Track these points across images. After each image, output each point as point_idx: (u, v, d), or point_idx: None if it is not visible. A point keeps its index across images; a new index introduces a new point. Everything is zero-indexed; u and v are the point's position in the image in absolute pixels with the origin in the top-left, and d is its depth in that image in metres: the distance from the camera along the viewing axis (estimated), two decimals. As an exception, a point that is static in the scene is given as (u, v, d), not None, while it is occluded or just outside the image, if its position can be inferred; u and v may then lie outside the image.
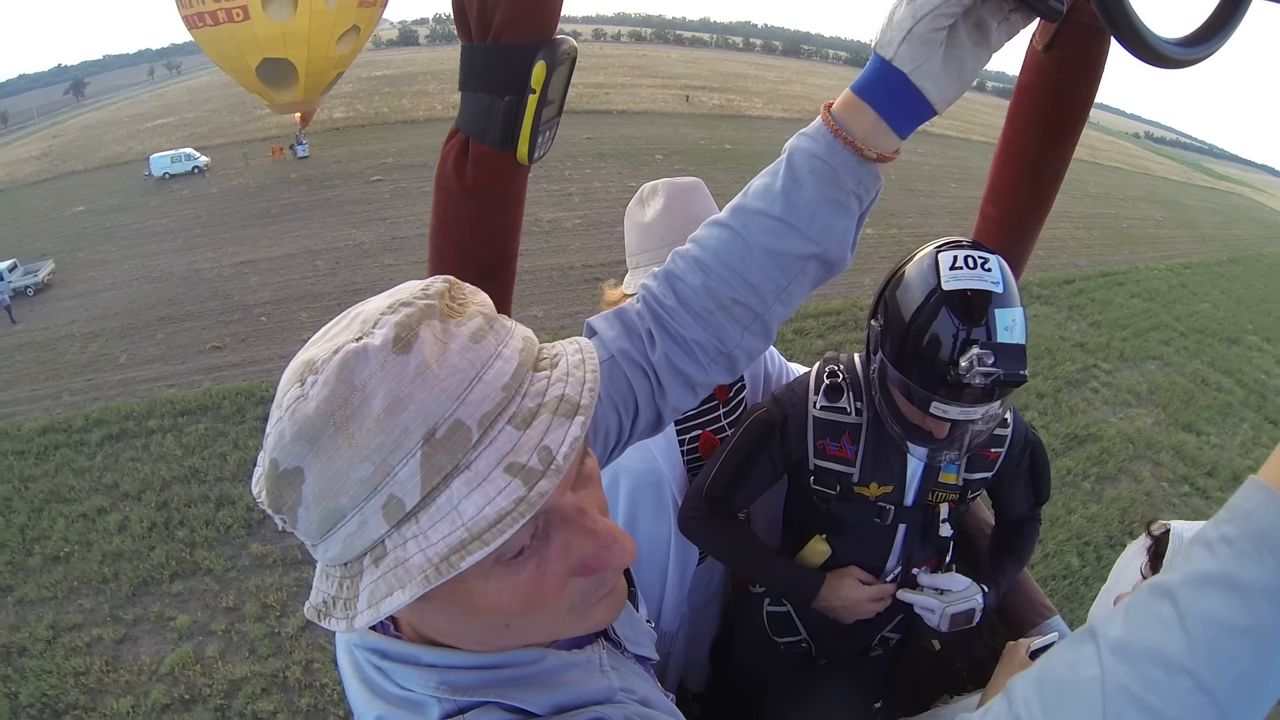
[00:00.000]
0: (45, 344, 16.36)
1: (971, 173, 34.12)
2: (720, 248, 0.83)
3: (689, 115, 43.55)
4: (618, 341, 0.86)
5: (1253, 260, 31.91)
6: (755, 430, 1.55)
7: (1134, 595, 0.51)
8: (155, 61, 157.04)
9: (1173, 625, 0.47)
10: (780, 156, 0.83)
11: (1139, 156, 70.88)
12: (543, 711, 0.59)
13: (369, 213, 22.91)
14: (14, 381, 14.79)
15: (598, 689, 0.64)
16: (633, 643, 0.77)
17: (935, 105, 0.76)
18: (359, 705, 0.61)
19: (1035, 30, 1.16)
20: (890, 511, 1.52)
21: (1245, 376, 17.72)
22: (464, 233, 0.95)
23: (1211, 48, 0.78)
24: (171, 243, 21.84)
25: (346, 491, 0.48)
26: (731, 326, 0.84)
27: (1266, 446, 14.90)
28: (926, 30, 0.72)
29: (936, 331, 1.21)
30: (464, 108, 0.88)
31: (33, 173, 36.77)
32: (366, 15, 19.85)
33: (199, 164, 29.92)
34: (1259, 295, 26.51)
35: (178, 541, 9.70)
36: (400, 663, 0.59)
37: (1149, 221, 34.45)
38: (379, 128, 36.82)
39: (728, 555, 1.70)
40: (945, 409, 1.23)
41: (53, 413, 13.19)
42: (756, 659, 1.87)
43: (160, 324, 16.55)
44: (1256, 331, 21.88)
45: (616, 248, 19.47)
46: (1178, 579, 0.48)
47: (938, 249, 1.26)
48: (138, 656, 8.23)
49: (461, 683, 0.58)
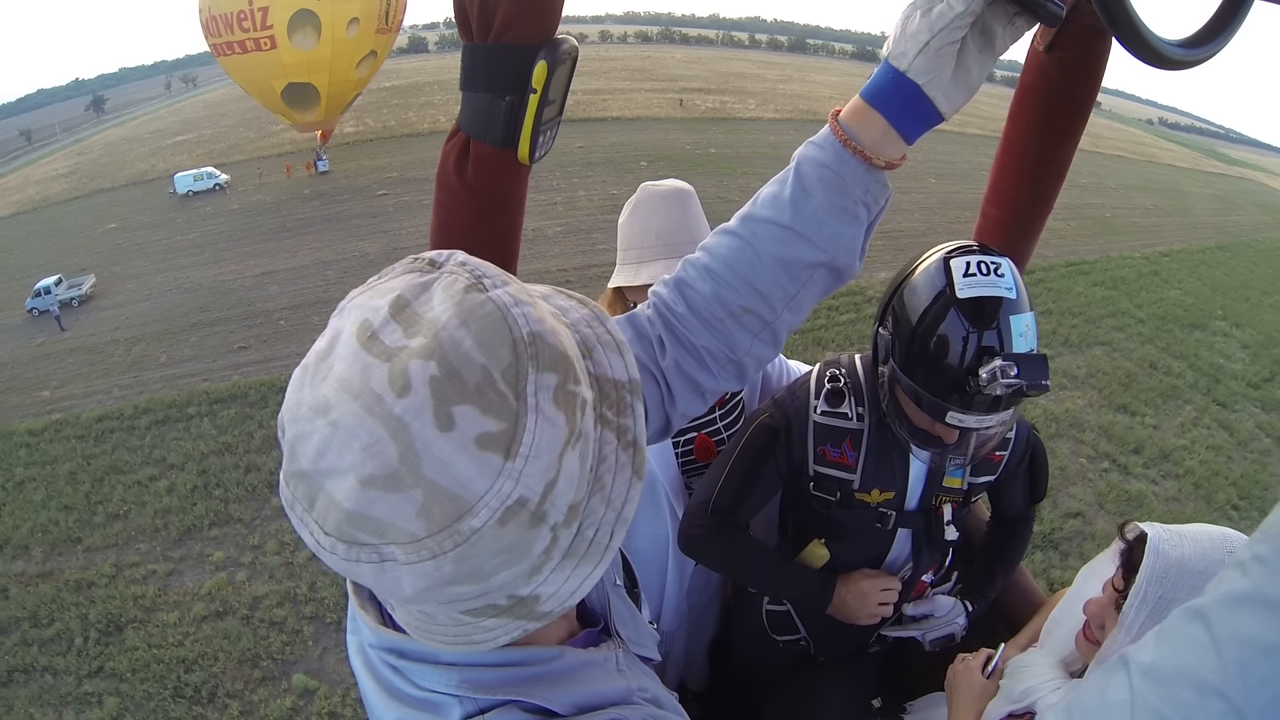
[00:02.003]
0: (93, 348, 18.76)
1: (955, 168, 33.95)
2: (730, 256, 0.83)
3: (681, 120, 44.50)
4: None
5: (1243, 247, 32.02)
6: (759, 436, 1.49)
7: (1166, 621, 0.49)
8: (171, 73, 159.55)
9: (1205, 646, 0.45)
10: (789, 165, 0.83)
11: (1146, 144, 69.62)
12: (565, 711, 0.59)
13: (374, 226, 25.05)
14: (69, 380, 17.23)
15: (616, 689, 0.65)
16: (636, 644, 0.77)
17: (944, 113, 0.77)
18: (377, 708, 0.61)
19: (1036, 31, 1.15)
20: (891, 517, 1.48)
21: (1200, 361, 18.27)
22: (465, 232, 0.95)
23: (1213, 49, 0.77)
24: (199, 257, 24.12)
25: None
26: (741, 334, 0.85)
27: (1206, 427, 15.73)
28: (942, 43, 0.72)
29: (952, 341, 1.18)
30: (465, 107, 0.89)
31: (63, 190, 38.92)
32: (383, 41, 21.52)
33: (220, 181, 32.16)
34: (1240, 281, 26.65)
35: (214, 499, 12.25)
36: (419, 661, 0.59)
37: (1137, 210, 34.34)
38: (386, 142, 38.44)
39: (736, 570, 1.65)
40: (961, 418, 1.20)
41: (105, 404, 15.64)
42: (755, 657, 1.84)
43: (193, 329, 18.96)
44: (1226, 317, 22.16)
45: (592, 253, 21.94)
46: (1210, 601, 0.46)
47: (948, 255, 1.22)
48: (183, 584, 10.73)
49: (483, 681, 0.58)
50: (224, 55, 19.67)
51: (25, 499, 12.96)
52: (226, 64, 19.54)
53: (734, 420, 1.75)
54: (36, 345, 19.63)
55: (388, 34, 22.19)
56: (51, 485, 13.19)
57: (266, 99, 20.27)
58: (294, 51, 19.01)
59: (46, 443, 14.54)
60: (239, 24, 18.79)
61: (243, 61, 19.34)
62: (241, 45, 19.20)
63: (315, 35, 19.45)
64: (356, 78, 20.66)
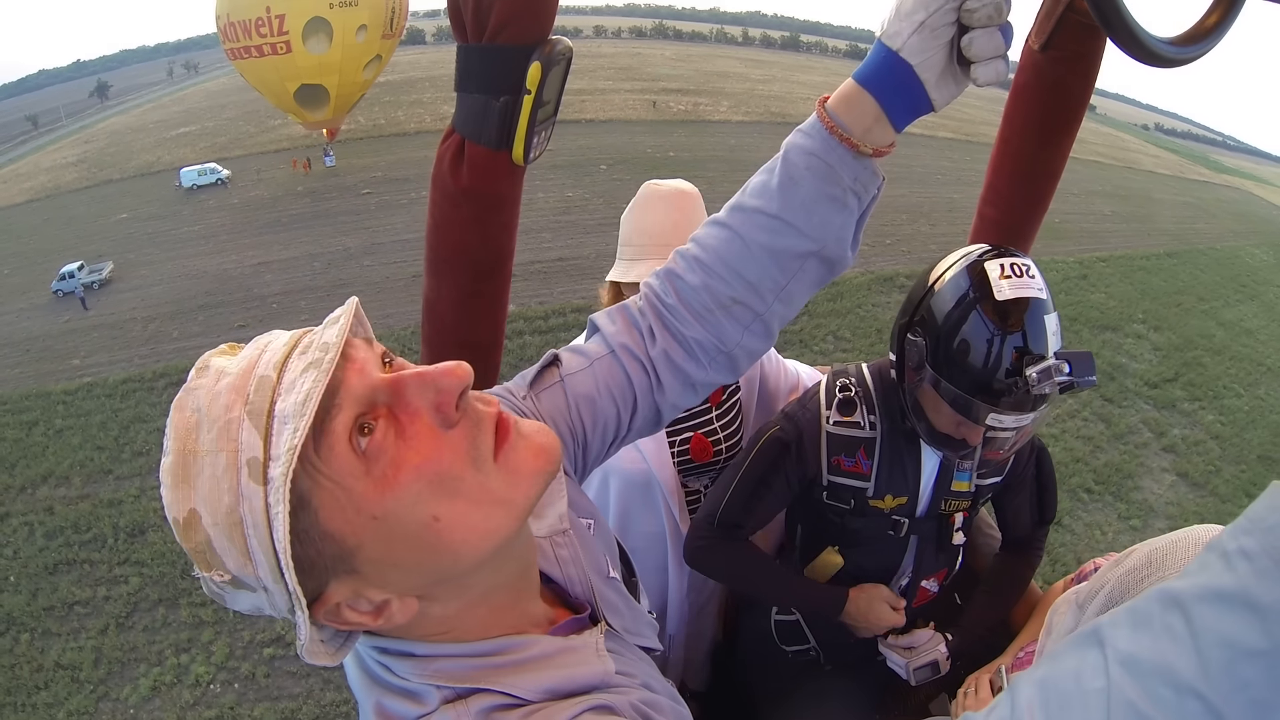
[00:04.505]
0: (114, 325, 22.17)
1: (911, 172, 34.60)
2: (719, 246, 0.83)
3: (651, 122, 45.22)
4: (618, 336, 0.87)
5: (1196, 254, 32.46)
6: (770, 450, 1.48)
7: (1141, 600, 0.47)
8: (173, 56, 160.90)
9: (1184, 642, 0.43)
10: (778, 154, 0.81)
11: (1132, 149, 68.40)
12: (534, 698, 0.59)
13: (356, 223, 28.14)
14: (95, 351, 20.67)
15: (592, 672, 0.65)
16: (633, 634, 0.78)
17: (935, 102, 0.75)
18: (359, 692, 0.63)
19: (1031, 30, 1.16)
20: (905, 524, 1.48)
21: (1100, 360, 19.52)
22: (460, 233, 0.96)
23: (1205, 47, 0.78)
24: (204, 247, 27.29)
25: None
26: (731, 326, 0.84)
27: (1085, 419, 17.40)
28: (937, 23, 0.70)
29: (993, 344, 1.18)
30: (460, 108, 0.89)
31: (74, 179, 41.51)
32: (388, 45, 22.62)
33: (222, 177, 35.10)
34: (1177, 288, 27.19)
35: (219, 442, 15.84)
36: (396, 656, 0.61)
37: (1091, 216, 34.54)
38: (374, 140, 40.11)
39: (743, 582, 1.63)
40: (1002, 419, 1.20)
41: (128, 370, 19.13)
42: (762, 668, 1.82)
43: (200, 310, 22.44)
44: (1146, 321, 23.03)
45: (540, 249, 25.98)
46: (1190, 590, 0.44)
47: (980, 258, 1.22)
48: (197, 501, 14.41)
49: (454, 671, 0.60)
50: (240, 59, 20.76)
51: (65, 443, 16.49)
52: (242, 66, 20.59)
53: (730, 419, 1.73)
54: (64, 322, 22.98)
55: (391, 39, 23.87)
56: (86, 432, 16.70)
57: (280, 99, 21.83)
58: (307, 55, 19.38)
59: (80, 400, 18.04)
60: (256, 30, 19.83)
61: (259, 64, 20.48)
62: (259, 50, 19.99)
63: (327, 41, 20.22)
64: (363, 79, 22.12)
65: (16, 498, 14.98)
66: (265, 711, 10.25)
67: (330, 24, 20.52)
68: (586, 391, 0.85)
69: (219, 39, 21.86)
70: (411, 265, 22.84)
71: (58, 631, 11.99)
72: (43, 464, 15.88)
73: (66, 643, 11.74)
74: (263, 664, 10.85)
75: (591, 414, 0.85)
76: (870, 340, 20.07)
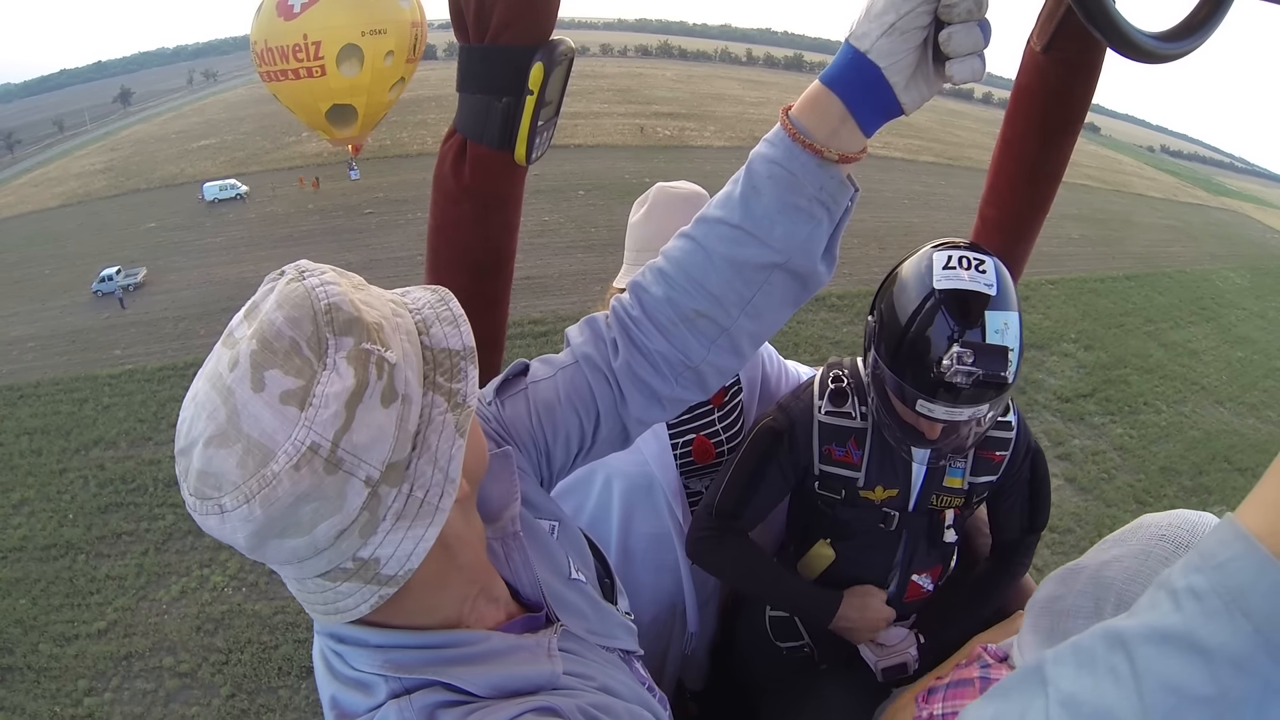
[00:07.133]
0: (149, 323, 26.07)
1: (879, 195, 35.10)
2: (682, 258, 0.82)
3: (635, 147, 46.67)
4: (583, 347, 0.87)
5: (1159, 277, 32.76)
6: (763, 440, 1.49)
7: (1087, 636, 0.46)
8: (192, 61, 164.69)
9: (1127, 685, 0.42)
10: (743, 165, 0.80)
11: (1127, 172, 68.60)
12: (482, 692, 0.62)
13: (358, 240, 31.71)
14: (133, 344, 24.67)
15: (539, 671, 0.66)
16: (600, 635, 0.78)
17: (905, 105, 0.74)
18: (321, 686, 0.66)
19: (1033, 31, 1.16)
20: (895, 517, 1.48)
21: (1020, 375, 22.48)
22: (461, 233, 0.96)
23: (1194, 43, 0.77)
24: (225, 257, 30.93)
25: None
26: (697, 340, 0.83)
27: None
28: (908, 26, 0.69)
29: (927, 330, 1.20)
30: (461, 109, 0.89)
31: (103, 187, 44.83)
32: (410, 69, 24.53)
33: (241, 192, 38.70)
34: (1125, 309, 27.60)
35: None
36: (352, 645, 0.64)
37: (1056, 239, 34.55)
38: (379, 161, 42.30)
39: (740, 579, 1.63)
40: (931, 408, 1.21)
41: (163, 360, 23.06)
42: (757, 662, 1.83)
43: (224, 313, 25.54)
44: (1079, 340, 23.67)
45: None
46: (1136, 629, 0.43)
47: (934, 248, 1.24)
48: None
49: (404, 661, 0.62)
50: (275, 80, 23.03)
51: (111, 416, 20.48)
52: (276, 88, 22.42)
53: (732, 421, 1.73)
54: (104, 319, 26.88)
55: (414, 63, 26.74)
56: (129, 408, 20.68)
57: (311, 118, 23.74)
58: (340, 78, 21.63)
59: (122, 383, 22.03)
60: (294, 55, 22.41)
61: (293, 86, 22.78)
62: (295, 73, 22.29)
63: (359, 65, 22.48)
64: (388, 99, 24.87)
65: (73, 457, 18.88)
66: (263, 607, 14.14)
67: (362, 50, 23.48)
68: (547, 399, 0.86)
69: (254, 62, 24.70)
70: (404, 280, 25.46)
71: (108, 554, 15.84)
72: (94, 432, 19.78)
73: (115, 562, 15.60)
74: (265, 574, 14.62)
75: (552, 422, 0.86)
76: (789, 354, 23.07)
